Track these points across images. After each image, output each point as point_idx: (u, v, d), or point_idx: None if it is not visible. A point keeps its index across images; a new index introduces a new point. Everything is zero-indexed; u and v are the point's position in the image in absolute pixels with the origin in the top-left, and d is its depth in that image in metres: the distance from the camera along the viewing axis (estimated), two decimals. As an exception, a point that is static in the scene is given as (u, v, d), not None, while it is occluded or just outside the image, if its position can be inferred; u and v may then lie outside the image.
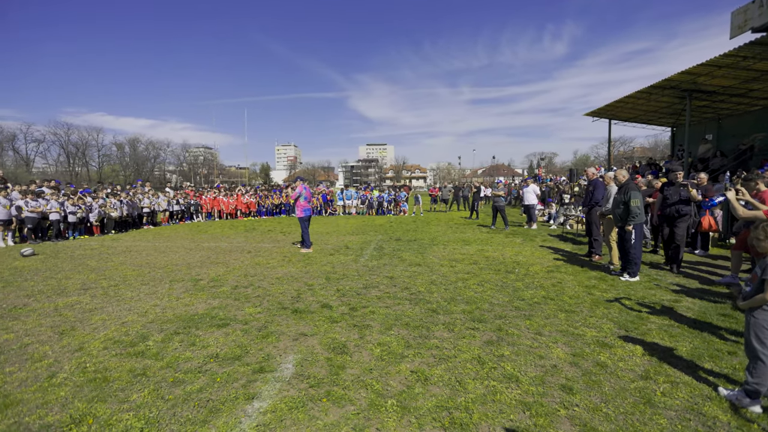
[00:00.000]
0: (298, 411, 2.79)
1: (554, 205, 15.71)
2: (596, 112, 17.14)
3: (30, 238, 11.30)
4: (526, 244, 9.92)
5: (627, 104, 15.19)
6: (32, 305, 5.30)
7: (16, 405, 2.90)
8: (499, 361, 3.52)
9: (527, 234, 11.92)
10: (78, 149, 70.07)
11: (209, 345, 3.90)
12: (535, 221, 13.58)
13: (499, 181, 17.55)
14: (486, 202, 28.19)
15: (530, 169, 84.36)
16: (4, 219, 10.83)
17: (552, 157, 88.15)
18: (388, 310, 4.91)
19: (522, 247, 9.47)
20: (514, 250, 9.05)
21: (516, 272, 6.86)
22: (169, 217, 16.44)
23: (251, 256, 8.70)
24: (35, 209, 11.20)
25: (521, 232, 12.30)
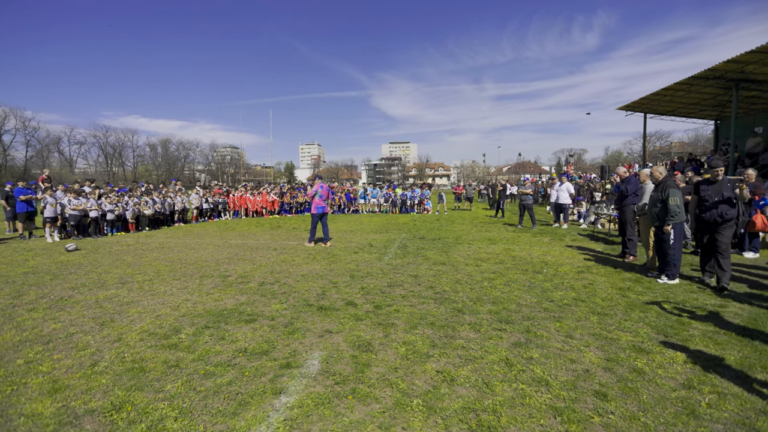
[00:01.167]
0: (324, 407, 2.82)
1: (584, 204, 15.23)
2: (630, 106, 16.51)
3: (73, 234, 11.91)
4: (554, 244, 9.67)
5: (664, 97, 14.54)
6: (76, 297, 5.58)
7: (63, 390, 3.07)
8: (527, 363, 3.44)
9: (556, 233, 11.61)
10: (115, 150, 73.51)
11: (238, 339, 4.00)
12: (567, 221, 13.22)
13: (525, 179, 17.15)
14: (512, 200, 27.71)
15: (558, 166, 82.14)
16: (51, 216, 11.46)
17: (581, 154, 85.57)
18: (412, 309, 4.90)
19: (550, 247, 9.23)
20: (542, 250, 8.83)
21: (544, 272, 6.70)
22: (198, 214, 16.95)
23: (277, 253, 8.87)
24: (77, 207, 11.79)
25: (549, 231, 12.00)
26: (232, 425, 2.62)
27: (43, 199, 11.63)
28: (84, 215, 12.01)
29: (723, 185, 5.76)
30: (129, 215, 13.31)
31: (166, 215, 15.10)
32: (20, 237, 11.99)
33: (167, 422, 2.64)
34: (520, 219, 13.37)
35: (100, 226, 12.43)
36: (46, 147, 65.56)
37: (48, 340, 4.05)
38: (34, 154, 63.52)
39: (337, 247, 9.59)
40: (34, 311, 4.99)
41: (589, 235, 11.11)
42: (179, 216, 15.86)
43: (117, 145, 73.99)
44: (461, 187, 23.52)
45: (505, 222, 14.97)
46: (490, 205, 23.41)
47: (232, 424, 2.63)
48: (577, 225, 13.68)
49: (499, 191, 17.38)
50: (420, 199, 20.36)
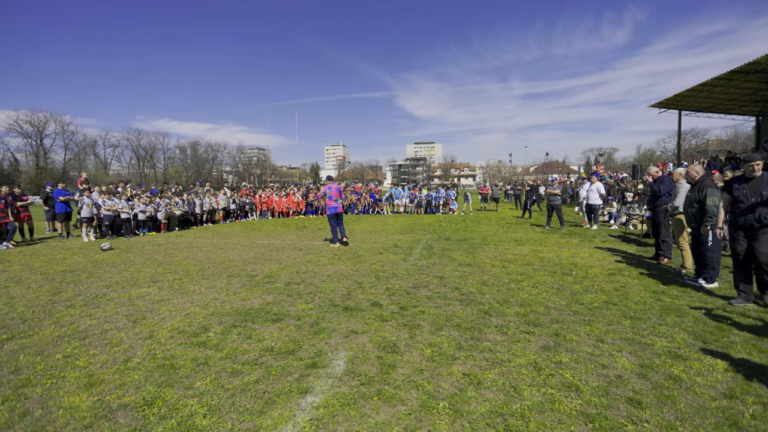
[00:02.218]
0: (350, 408, 2.81)
1: (615, 204, 14.73)
2: (664, 103, 15.86)
3: (107, 234, 12.42)
4: (584, 245, 9.38)
5: (701, 93, 13.90)
6: (110, 295, 5.80)
7: (99, 384, 3.18)
8: (557, 368, 3.33)
9: (585, 234, 11.27)
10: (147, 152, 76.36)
11: (264, 339, 4.05)
12: (597, 222, 12.81)
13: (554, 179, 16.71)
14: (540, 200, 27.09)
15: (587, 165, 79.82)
16: (87, 216, 12.00)
17: (612, 153, 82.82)
18: (438, 311, 4.84)
19: (579, 248, 8.96)
20: (571, 251, 8.58)
21: (573, 274, 6.50)
22: (225, 215, 17.35)
23: (303, 253, 8.96)
24: (111, 207, 12.29)
25: (578, 232, 11.65)
26: (259, 423, 2.64)
27: (80, 200, 12.18)
28: (117, 215, 12.51)
29: (762, 183, 4.85)
30: (161, 216, 13.77)
31: (196, 216, 15.54)
32: (59, 236, 12.61)
33: (196, 419, 2.70)
34: (548, 220, 13.05)
35: (132, 226, 12.90)
36: (83, 150, 68.84)
37: (84, 336, 4.22)
38: (72, 157, 66.75)
39: (362, 247, 9.61)
40: (72, 308, 5.21)
41: (621, 237, 10.73)
42: (207, 216, 16.28)
43: (149, 147, 76.94)
44: (486, 187, 23.18)
45: (533, 223, 14.65)
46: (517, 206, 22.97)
47: (259, 422, 2.66)
48: (608, 226, 13.24)
49: (526, 191, 17.01)
50: (445, 200, 20.18)
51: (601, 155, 53.21)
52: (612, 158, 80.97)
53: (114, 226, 12.57)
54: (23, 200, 12.50)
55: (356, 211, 20.44)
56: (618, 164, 75.02)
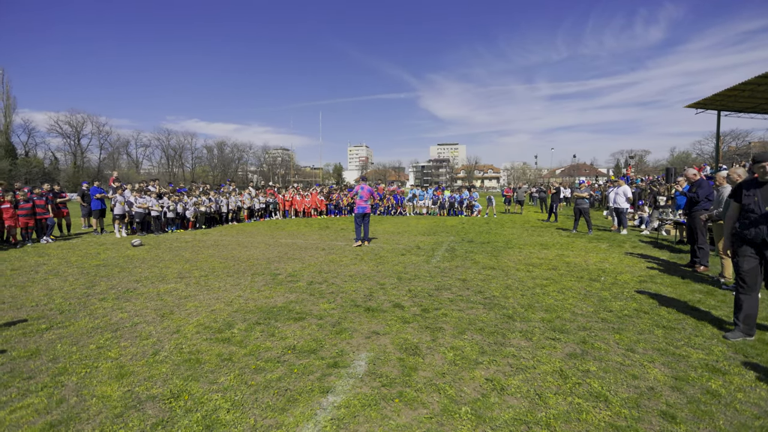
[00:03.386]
0: (371, 409, 2.80)
1: (647, 208, 14.20)
2: (702, 103, 15.19)
3: (138, 230, 12.87)
4: (613, 250, 9.07)
5: (743, 92, 13.25)
6: (140, 289, 6.00)
7: (129, 376, 3.29)
8: (584, 376, 3.22)
9: (614, 239, 10.90)
10: (175, 152, 78.89)
11: (287, 337, 4.09)
12: (626, 226, 12.37)
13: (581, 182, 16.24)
14: (566, 204, 26.43)
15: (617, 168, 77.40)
16: (120, 213, 12.48)
17: (643, 155, 79.86)
18: (461, 314, 4.77)
19: (608, 254, 8.67)
20: (599, 257, 8.31)
21: (602, 280, 6.29)
22: (250, 214, 17.69)
23: (325, 253, 9.03)
24: (142, 205, 12.74)
25: (607, 237, 11.28)
26: (281, 420, 2.67)
27: (113, 198, 12.68)
28: (147, 213, 12.95)
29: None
30: (189, 214, 14.17)
31: (221, 214, 15.92)
32: (94, 232, 13.16)
33: (220, 413, 2.74)
34: (575, 223, 12.70)
35: (162, 223, 13.33)
36: (117, 149, 71.90)
37: (116, 328, 4.37)
38: (106, 156, 69.75)
39: (385, 248, 9.61)
40: (105, 301, 5.41)
41: (653, 242, 10.32)
42: (232, 215, 16.65)
43: (177, 147, 79.52)
44: (510, 190, 22.79)
45: (559, 226, 14.29)
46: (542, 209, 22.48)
47: (281, 419, 2.68)
48: (639, 231, 12.77)
49: (552, 194, 16.62)
50: (469, 202, 19.95)
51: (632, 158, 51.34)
52: (643, 161, 78.13)
53: (144, 223, 13.02)
54: (62, 197, 13.11)
55: (378, 211, 20.46)
56: (650, 167, 72.43)
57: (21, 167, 51.38)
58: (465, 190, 21.02)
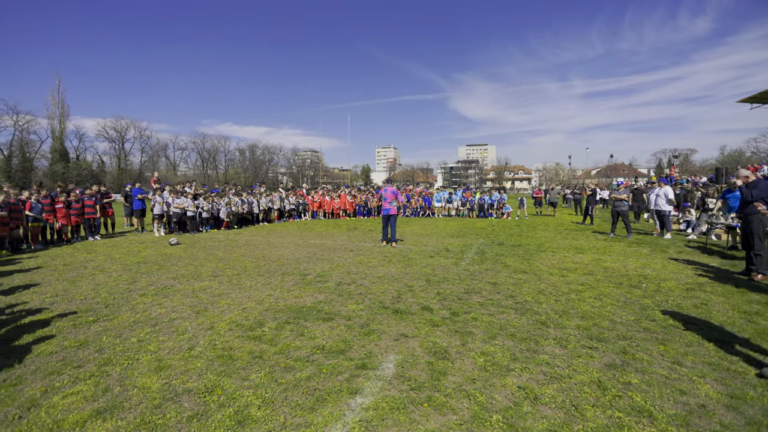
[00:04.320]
0: (399, 412, 2.76)
1: (694, 211, 13.42)
2: (758, 97, 14.22)
3: (175, 230, 13.41)
4: (655, 256, 8.62)
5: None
6: (177, 286, 6.23)
7: (166, 369, 3.41)
8: (625, 389, 3.06)
9: (656, 243, 10.35)
10: (210, 155, 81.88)
11: (316, 336, 4.12)
12: (669, 230, 11.72)
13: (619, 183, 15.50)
14: (603, 206, 25.41)
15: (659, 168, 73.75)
16: (159, 213, 13.05)
17: (688, 155, 75.40)
18: (491, 318, 4.66)
19: (650, 259, 8.24)
20: (640, 262, 7.91)
21: (643, 287, 5.98)
22: (279, 215, 18.06)
23: (354, 254, 9.07)
24: (179, 205, 13.27)
25: (648, 241, 10.73)
26: (310, 420, 2.68)
27: (153, 199, 13.28)
28: (184, 213, 13.47)
29: None
30: (223, 214, 14.63)
31: (253, 215, 16.34)
32: (135, 231, 13.83)
33: (252, 409, 2.79)
34: (612, 227, 12.16)
35: (197, 223, 13.82)
36: (156, 153, 75.46)
37: (155, 323, 4.55)
38: (147, 159, 73.35)
39: (413, 250, 9.56)
40: (145, 296, 5.65)
41: (701, 248, 9.72)
42: (263, 216, 17.05)
43: (212, 150, 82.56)
44: (540, 191, 22.15)
45: (595, 230, 13.75)
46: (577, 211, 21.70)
47: (310, 418, 2.69)
48: (684, 235, 12.07)
49: (588, 196, 16.01)
50: (499, 204, 19.55)
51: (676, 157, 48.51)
52: (689, 160, 73.80)
53: (181, 223, 13.55)
54: (108, 198, 13.86)
55: (407, 213, 20.40)
56: (696, 167, 68.49)
57: (73, 170, 54.87)
58: (495, 191, 20.61)
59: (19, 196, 10.37)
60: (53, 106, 56.67)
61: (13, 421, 2.69)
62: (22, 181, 47.45)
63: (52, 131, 57.25)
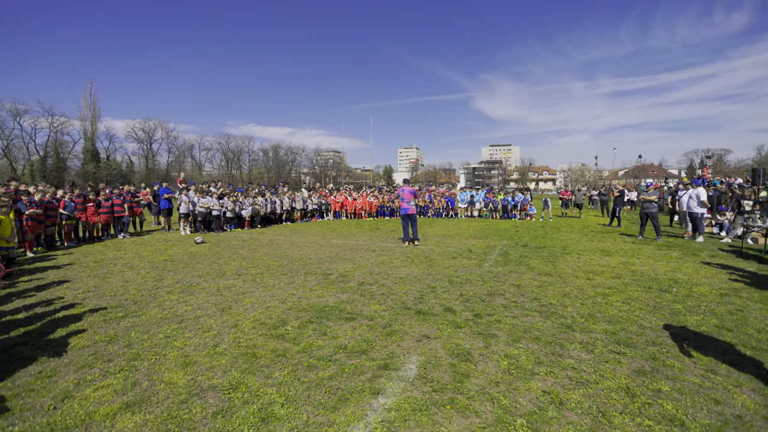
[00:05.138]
0: (422, 414, 2.75)
1: (728, 214, 12.85)
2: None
3: (200, 228, 13.74)
4: (686, 259, 8.29)
5: None
6: (202, 284, 6.38)
7: (192, 365, 3.49)
8: (654, 396, 2.95)
9: (688, 247, 9.96)
10: (234, 155, 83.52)
11: (338, 336, 4.14)
12: (702, 233, 11.26)
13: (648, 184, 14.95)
14: (631, 208, 24.65)
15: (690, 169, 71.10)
16: (185, 212, 13.40)
17: (723, 155, 72.22)
18: (515, 321, 4.58)
19: (681, 263, 7.94)
20: (671, 266, 7.63)
21: (674, 292, 5.76)
22: (302, 215, 18.26)
23: (376, 254, 9.08)
24: (204, 205, 13.59)
25: (679, 244, 10.34)
26: (332, 419, 2.69)
27: (179, 198, 13.65)
28: (209, 212, 13.79)
29: None
30: (246, 214, 14.90)
31: (276, 214, 16.58)
32: (162, 229, 14.23)
33: (275, 407, 2.82)
34: (641, 229, 11.77)
35: (221, 222, 14.13)
36: (182, 153, 77.42)
37: (181, 320, 4.67)
38: (173, 159, 75.35)
39: (435, 251, 9.50)
40: (171, 293, 5.81)
41: (736, 252, 9.30)
42: (286, 215, 17.28)
43: (236, 150, 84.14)
44: (568, 192, 21.64)
45: (622, 232, 13.35)
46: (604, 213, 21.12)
47: (332, 417, 2.71)
48: (718, 239, 11.58)
49: (615, 197, 15.55)
50: (522, 205, 19.21)
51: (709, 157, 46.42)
52: (723, 161, 70.74)
53: (206, 222, 13.87)
54: (137, 197, 14.32)
55: (429, 214, 20.30)
56: (731, 168, 65.60)
57: (103, 170, 56.96)
58: (518, 192, 20.26)
59: (54, 195, 10.83)
60: (85, 108, 58.97)
61: (48, 411, 2.81)
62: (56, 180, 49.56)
63: (84, 132, 59.57)
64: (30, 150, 58.65)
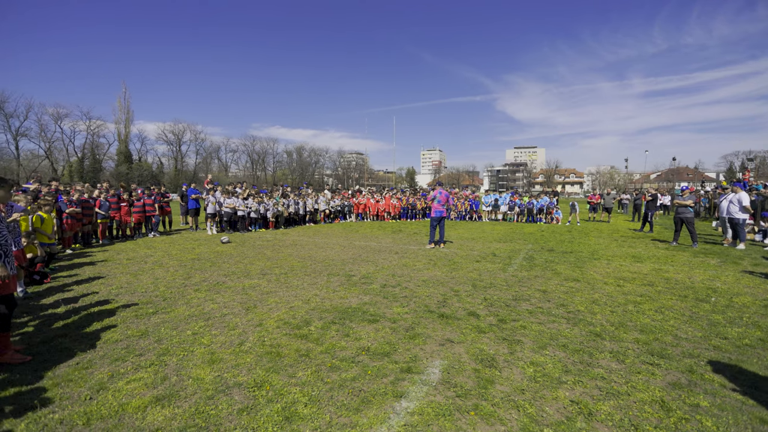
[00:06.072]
0: (445, 419, 2.70)
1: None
2: None
3: (226, 228, 14.06)
4: (726, 267, 7.89)
5: None
6: (228, 283, 6.51)
7: (218, 362, 3.56)
8: (692, 412, 2.81)
9: (727, 254, 9.48)
10: (259, 156, 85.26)
11: (361, 338, 4.14)
12: (744, 240, 10.70)
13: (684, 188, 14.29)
14: (665, 212, 23.72)
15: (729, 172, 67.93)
16: (211, 213, 13.75)
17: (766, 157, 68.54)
18: (541, 327, 4.46)
19: (720, 271, 7.56)
20: (708, 274, 7.28)
21: (712, 301, 5.49)
22: (325, 216, 18.41)
23: (398, 257, 9.06)
24: (230, 205, 13.91)
25: (717, 252, 9.85)
26: (355, 420, 2.68)
27: (206, 198, 14.01)
28: (234, 212, 14.10)
29: None
30: (270, 214, 15.16)
31: (299, 215, 16.80)
32: (190, 228, 14.65)
33: (298, 407, 2.84)
34: (675, 235, 11.29)
35: (246, 222, 14.41)
36: (209, 155, 79.60)
37: (208, 318, 4.77)
38: (201, 161, 77.58)
39: (458, 254, 9.39)
40: (199, 291, 5.96)
41: (777, 260, 8.79)
42: (309, 217, 17.47)
43: (261, 152, 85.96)
44: (597, 196, 21.01)
45: (654, 237, 12.84)
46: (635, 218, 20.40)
47: (355, 419, 2.70)
48: (761, 246, 10.97)
49: (648, 201, 14.99)
50: (548, 208, 18.77)
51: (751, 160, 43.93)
52: (766, 163, 67.15)
53: (231, 222, 14.19)
54: (167, 197, 14.81)
55: (453, 216, 20.12)
56: (775, 170, 62.20)
57: (135, 171, 59.34)
58: (544, 195, 19.81)
59: (91, 195, 11.32)
60: (120, 112, 61.65)
61: (85, 401, 2.92)
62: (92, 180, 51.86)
63: (118, 135, 62.27)
64: (69, 152, 61.79)
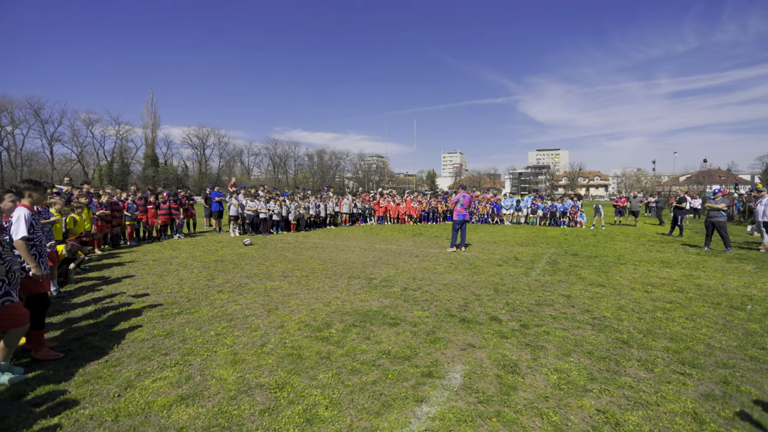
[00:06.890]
0: (467, 425, 2.67)
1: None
2: None
3: (248, 231, 14.31)
4: (763, 274, 7.53)
5: None
6: (250, 285, 6.62)
7: (241, 363, 3.62)
8: (728, 425, 2.69)
9: (764, 260, 9.04)
10: (281, 160, 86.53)
11: (382, 341, 4.13)
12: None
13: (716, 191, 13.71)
14: (696, 216, 22.86)
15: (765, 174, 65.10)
16: (234, 215, 14.03)
17: (804, 159, 65.18)
18: (565, 333, 4.36)
19: (756, 277, 7.22)
20: (743, 280, 6.96)
21: (748, 310, 5.25)
22: (346, 219, 18.51)
23: (419, 260, 9.02)
24: (252, 208, 14.15)
25: (753, 257, 9.42)
26: (375, 424, 2.68)
27: (229, 201, 14.31)
28: (256, 215, 14.33)
29: None
30: (291, 217, 15.35)
31: (320, 218, 16.95)
32: (213, 231, 14.97)
33: (319, 409, 2.85)
34: (707, 239, 10.86)
35: (268, 225, 14.63)
36: (233, 158, 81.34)
37: (230, 319, 4.86)
38: (224, 164, 79.29)
39: (480, 258, 9.29)
40: (222, 293, 6.07)
41: (818, 266, 8.34)
42: (330, 219, 17.60)
43: (283, 155, 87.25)
44: (623, 199, 20.42)
45: (684, 242, 12.39)
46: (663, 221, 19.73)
47: (375, 423, 2.69)
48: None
49: (675, 206, 14.48)
50: (572, 211, 18.35)
51: (786, 162, 41.92)
52: (804, 165, 63.84)
53: (254, 225, 14.43)
54: (192, 200, 15.19)
55: (474, 219, 19.91)
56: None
57: (161, 174, 61.23)
58: (568, 198, 19.38)
59: (120, 198, 11.72)
60: (147, 117, 63.76)
61: (113, 398, 3.02)
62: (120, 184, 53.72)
63: (145, 139, 64.41)
64: (99, 156, 64.27)
